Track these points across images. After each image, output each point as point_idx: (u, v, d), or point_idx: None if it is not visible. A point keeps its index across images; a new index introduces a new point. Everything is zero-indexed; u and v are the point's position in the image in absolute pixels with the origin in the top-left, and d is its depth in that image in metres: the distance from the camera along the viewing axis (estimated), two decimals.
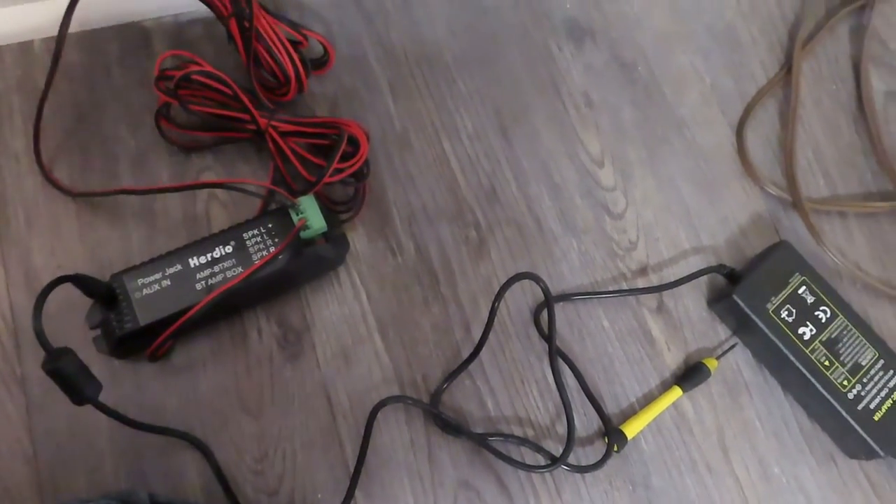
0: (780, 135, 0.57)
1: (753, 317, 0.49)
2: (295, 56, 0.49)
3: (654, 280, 0.52)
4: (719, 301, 0.51)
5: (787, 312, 0.49)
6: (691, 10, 0.60)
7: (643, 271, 0.52)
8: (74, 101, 0.50)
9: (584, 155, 0.54)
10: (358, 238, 0.50)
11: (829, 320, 0.50)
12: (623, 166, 0.55)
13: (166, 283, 0.44)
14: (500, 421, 0.47)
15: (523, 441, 0.46)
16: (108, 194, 0.48)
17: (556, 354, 0.46)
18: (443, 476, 0.46)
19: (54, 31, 0.48)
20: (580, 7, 0.58)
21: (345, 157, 0.47)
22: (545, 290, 0.45)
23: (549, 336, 0.46)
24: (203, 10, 0.50)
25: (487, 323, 0.46)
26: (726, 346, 0.51)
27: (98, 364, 0.45)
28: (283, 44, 0.48)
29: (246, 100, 0.46)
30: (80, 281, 0.41)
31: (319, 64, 0.52)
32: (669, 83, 0.57)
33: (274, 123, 0.47)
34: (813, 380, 0.48)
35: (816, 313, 0.50)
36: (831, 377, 0.48)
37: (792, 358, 0.48)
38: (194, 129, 0.50)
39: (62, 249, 0.47)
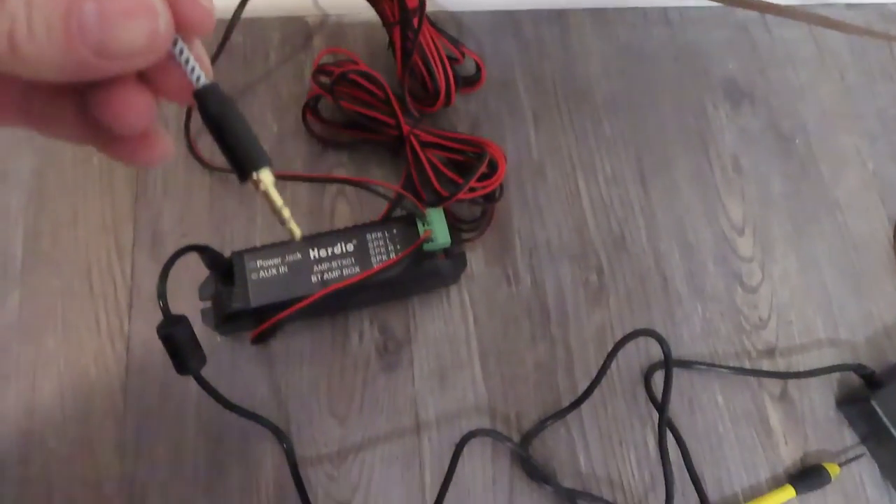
0: None
1: (892, 428, 0.44)
2: (450, 71, 0.48)
3: (780, 365, 0.48)
4: (852, 403, 0.47)
5: None
6: (863, 90, 0.56)
7: (770, 353, 0.48)
8: (230, 79, 0.52)
9: (725, 220, 0.51)
10: (476, 260, 0.48)
11: None
12: (765, 239, 0.51)
13: (283, 269, 0.43)
14: (589, 479, 0.44)
15: None
16: None
17: (666, 424, 0.42)
18: None
19: (224, 16, 0.50)
20: (743, 69, 0.56)
21: (480, 178, 0.46)
22: (667, 354, 0.42)
23: (662, 402, 0.43)
24: (367, 15, 0.51)
25: (598, 374, 0.43)
26: (852, 454, 0.46)
27: (201, 336, 0.44)
28: (440, 57, 0.48)
29: (396, 104, 0.46)
30: (206, 252, 0.41)
31: (470, 82, 0.52)
32: (828, 161, 0.54)
33: (416, 132, 0.47)
34: None
35: None
36: None
37: None
38: (336, 125, 0.50)
39: (190, 219, 0.48)
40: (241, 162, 0.22)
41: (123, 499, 0.42)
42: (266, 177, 0.22)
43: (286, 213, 0.23)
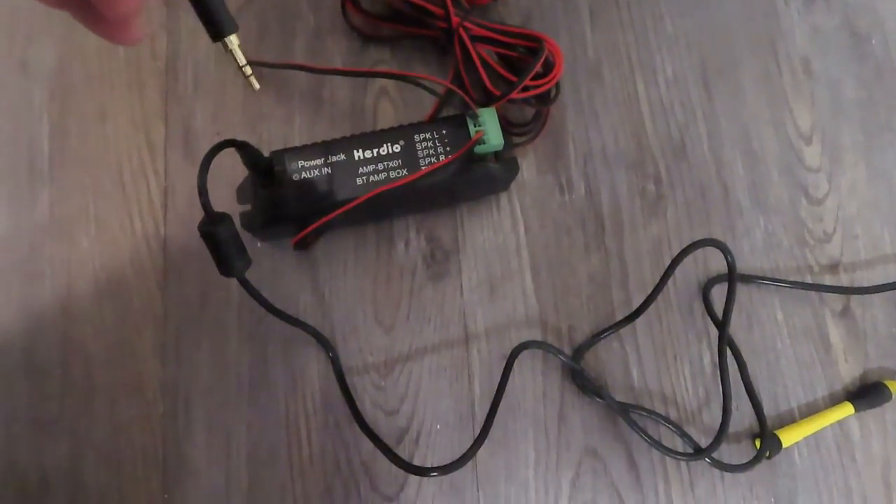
0: None
1: None
2: None
3: (843, 280, 0.46)
4: None
5: None
6: None
7: (833, 268, 0.46)
8: None
9: (792, 127, 0.48)
10: (527, 166, 0.46)
11: None
12: (833, 148, 0.48)
13: (327, 170, 0.41)
14: (642, 394, 0.43)
15: (667, 421, 0.42)
16: (279, 67, 0.45)
17: (726, 339, 0.41)
18: (570, 437, 0.42)
19: None
20: None
21: (534, 77, 0.43)
22: (731, 265, 0.40)
23: (723, 317, 0.41)
24: None
25: (657, 286, 0.41)
26: None
27: None
28: None
29: None
30: (245, 149, 0.38)
31: None
32: None
33: (466, 24, 0.43)
34: None
35: None
36: None
37: None
38: (379, 18, 0.46)
39: (224, 117, 0.45)
40: (215, 27, 0.31)
41: (167, 404, 0.41)
42: (234, 40, 0.31)
43: (248, 69, 0.33)
